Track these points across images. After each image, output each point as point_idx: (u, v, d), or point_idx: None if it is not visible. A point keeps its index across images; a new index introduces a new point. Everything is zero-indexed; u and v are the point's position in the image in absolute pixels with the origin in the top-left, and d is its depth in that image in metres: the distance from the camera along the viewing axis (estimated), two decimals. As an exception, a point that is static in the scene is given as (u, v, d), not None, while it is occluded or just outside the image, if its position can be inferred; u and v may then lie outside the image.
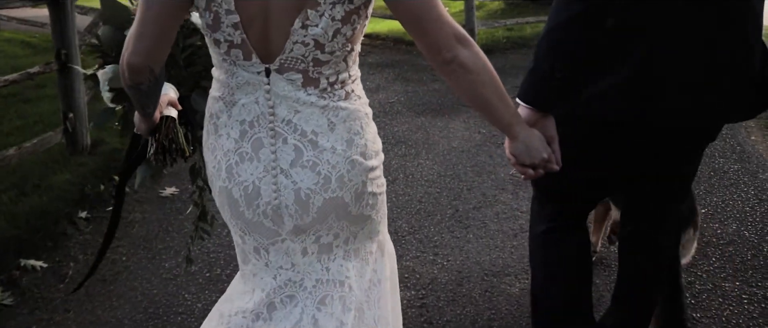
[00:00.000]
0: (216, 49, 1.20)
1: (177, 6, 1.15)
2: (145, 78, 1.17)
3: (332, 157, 1.19)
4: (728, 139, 4.42)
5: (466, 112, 5.00)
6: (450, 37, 1.12)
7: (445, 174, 3.67)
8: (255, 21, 1.12)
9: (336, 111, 1.19)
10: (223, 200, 1.28)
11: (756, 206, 3.28)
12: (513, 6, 11.23)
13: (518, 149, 1.27)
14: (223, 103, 1.23)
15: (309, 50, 1.14)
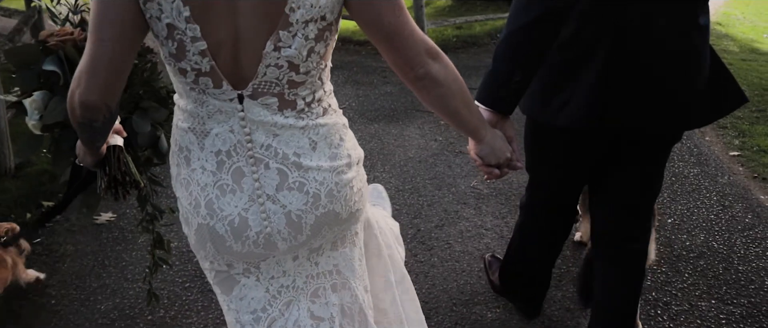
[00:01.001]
0: (181, 79, 1.11)
1: (133, 36, 1.04)
2: (100, 115, 1.06)
3: (318, 174, 1.15)
4: (684, 141, 4.38)
5: (420, 117, 4.81)
6: (421, 53, 1.10)
7: (404, 188, 3.46)
8: (224, 46, 1.05)
9: (316, 129, 1.16)
10: (203, 237, 1.19)
11: (720, 213, 3.22)
12: (461, 2, 11.14)
13: (484, 151, 1.31)
14: (194, 134, 1.14)
15: (283, 72, 1.08)
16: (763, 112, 5.32)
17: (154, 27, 1.05)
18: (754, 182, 3.71)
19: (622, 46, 1.44)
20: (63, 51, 1.39)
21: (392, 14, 1.06)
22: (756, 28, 11.75)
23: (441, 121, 4.69)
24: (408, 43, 1.08)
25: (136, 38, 1.06)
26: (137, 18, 1.03)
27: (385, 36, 1.08)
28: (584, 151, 1.66)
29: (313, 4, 1.04)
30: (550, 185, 1.84)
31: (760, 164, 4.00)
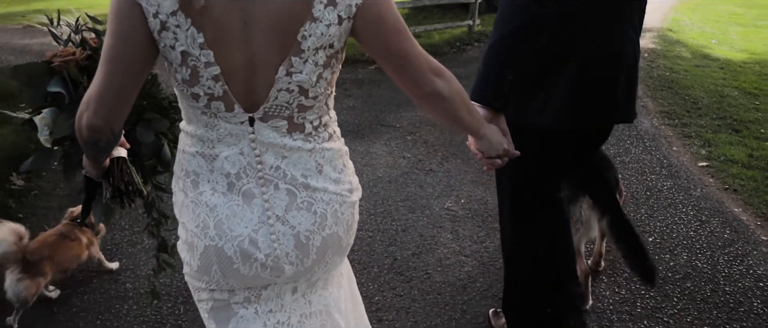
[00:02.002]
0: (193, 103, 1.12)
1: (143, 71, 1.08)
2: (104, 137, 1.11)
3: (325, 195, 1.19)
4: (653, 153, 4.35)
5: (386, 132, 4.64)
6: (427, 72, 1.14)
7: (375, 212, 3.28)
8: (237, 71, 1.07)
9: (322, 153, 1.19)
10: (209, 260, 1.17)
11: (699, 229, 3.15)
12: (418, 10, 11.05)
13: (484, 146, 1.41)
14: (203, 158, 1.16)
15: (293, 97, 1.11)
16: (723, 120, 5.36)
17: (168, 55, 1.07)
18: (726, 195, 3.68)
19: (591, 55, 1.63)
20: (67, 71, 1.46)
21: (398, 41, 1.11)
22: (704, 33, 12.08)
23: (408, 137, 4.54)
24: (414, 65, 1.13)
25: (144, 72, 1.09)
26: (148, 53, 1.07)
27: (394, 61, 1.14)
28: (558, 150, 1.82)
29: (323, 32, 1.07)
30: (530, 187, 1.93)
31: (729, 175, 3.98)
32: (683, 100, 6.01)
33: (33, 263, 2.32)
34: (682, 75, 7.33)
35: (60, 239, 2.46)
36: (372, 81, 6.46)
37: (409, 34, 1.12)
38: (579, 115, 1.69)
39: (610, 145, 4.48)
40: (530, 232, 1.97)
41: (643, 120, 5.23)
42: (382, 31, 1.10)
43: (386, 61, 1.15)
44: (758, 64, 8.48)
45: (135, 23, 1.03)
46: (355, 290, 1.51)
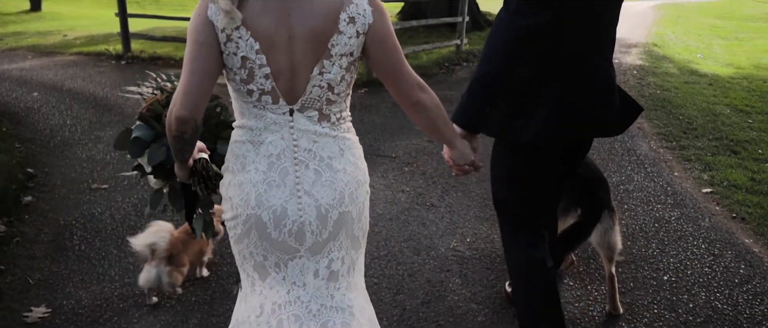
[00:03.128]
0: (247, 99, 1.45)
1: (215, 69, 1.40)
2: (189, 127, 1.39)
3: (344, 176, 1.48)
4: (656, 179, 4.27)
5: (382, 163, 4.51)
6: (414, 86, 1.48)
7: (379, 255, 3.13)
8: (282, 72, 1.39)
9: (344, 140, 1.50)
10: (250, 226, 1.48)
11: (713, 264, 3.05)
12: (403, 30, 10.98)
13: (455, 155, 1.71)
14: (251, 144, 1.47)
15: (323, 92, 1.44)
16: (720, 141, 5.31)
17: (229, 61, 1.41)
18: (735, 224, 3.59)
19: (569, 77, 1.81)
20: (151, 111, 1.78)
21: (396, 58, 1.47)
22: (689, 48, 12.15)
23: (405, 168, 4.41)
24: (405, 79, 1.48)
25: (216, 70, 1.42)
26: (218, 56, 1.40)
27: (391, 74, 1.47)
28: (546, 165, 1.97)
29: (346, 42, 1.41)
30: (524, 206, 2.06)
31: (734, 202, 3.90)
32: (678, 121, 5.96)
33: (175, 256, 2.66)
34: (673, 93, 7.31)
35: (188, 236, 2.72)
36: (363, 106, 6.34)
37: (403, 54, 1.48)
38: (560, 131, 1.86)
39: (611, 172, 4.39)
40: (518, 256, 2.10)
41: (640, 143, 5.16)
42: (385, 48, 1.45)
43: (384, 74, 1.48)
44: (745, 80, 8.50)
45: (209, 33, 1.38)
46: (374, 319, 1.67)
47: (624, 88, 2.07)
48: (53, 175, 4.40)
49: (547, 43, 1.73)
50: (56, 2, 26.70)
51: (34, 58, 10.69)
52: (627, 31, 14.58)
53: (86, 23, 18.48)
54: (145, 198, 3.90)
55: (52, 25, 18.66)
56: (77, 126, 5.75)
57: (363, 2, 1.42)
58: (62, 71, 9.00)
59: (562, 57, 1.78)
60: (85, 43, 12.56)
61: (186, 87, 1.37)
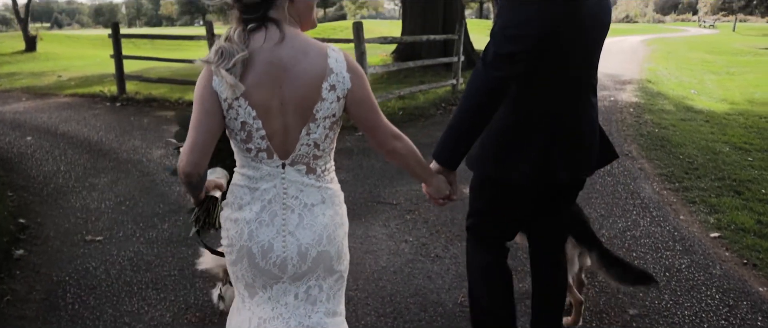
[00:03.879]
0: (247, 154, 1.68)
1: (218, 131, 1.63)
2: (194, 178, 1.62)
3: (323, 220, 1.70)
4: (662, 224, 4.20)
5: (383, 211, 4.42)
6: (389, 136, 1.71)
7: (385, 312, 3.02)
8: (276, 133, 1.63)
9: (326, 190, 1.72)
10: (242, 255, 1.72)
11: (730, 317, 2.96)
12: (400, 70, 11.01)
13: (431, 190, 1.94)
14: (248, 189, 1.70)
15: (310, 149, 1.67)
16: (723, 181, 5.27)
17: (231, 124, 1.63)
18: (747, 271, 3.51)
19: (555, 123, 1.97)
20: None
21: (372, 116, 1.68)
22: (682, 83, 12.25)
23: (407, 215, 4.32)
24: (381, 131, 1.70)
25: (218, 132, 1.63)
26: (220, 121, 1.61)
27: (368, 128, 1.70)
28: (527, 201, 2.13)
29: (328, 107, 1.62)
30: (498, 231, 2.25)
31: (744, 247, 3.83)
32: (679, 160, 5.93)
33: None
34: (671, 131, 7.30)
35: None
36: (361, 150, 6.28)
37: (379, 110, 1.70)
38: (547, 172, 2.00)
39: (616, 217, 4.32)
40: (489, 272, 2.28)
41: (643, 185, 5.11)
42: (363, 107, 1.67)
43: (363, 128, 1.71)
44: (741, 116, 8.53)
45: (213, 101, 1.59)
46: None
47: (622, 126, 2.27)
48: (46, 226, 4.29)
49: (525, 91, 1.92)
50: (51, 42, 26.82)
51: (28, 100, 10.65)
52: (620, 67, 14.71)
53: (81, 63, 18.53)
54: (140, 251, 3.80)
55: (47, 65, 18.68)
56: (71, 173, 5.66)
57: (342, 70, 1.64)
58: (56, 114, 8.94)
59: (545, 103, 1.96)
60: (79, 84, 12.55)
61: (191, 147, 1.59)
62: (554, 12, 1.81)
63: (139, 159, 6.12)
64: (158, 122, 8.09)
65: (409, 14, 13.32)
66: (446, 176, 1.97)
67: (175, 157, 2.05)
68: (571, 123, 2.00)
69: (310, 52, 1.60)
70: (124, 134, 7.35)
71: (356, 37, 7.11)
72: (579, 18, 1.86)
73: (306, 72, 1.58)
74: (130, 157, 6.19)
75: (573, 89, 1.98)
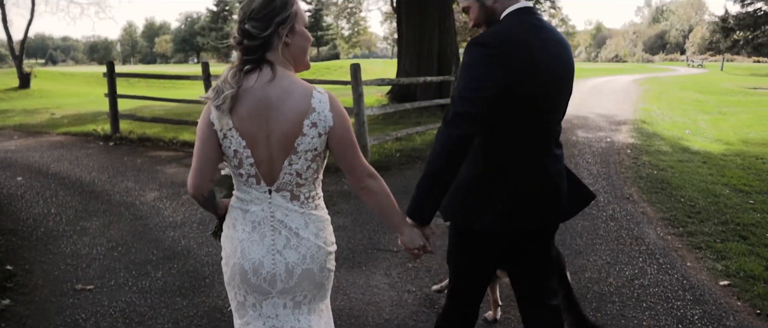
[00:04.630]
0: (239, 179, 1.89)
1: (215, 158, 1.85)
2: (199, 199, 1.89)
3: (307, 242, 1.89)
4: (670, 272, 4.10)
5: (384, 259, 4.30)
6: (365, 175, 1.89)
7: (389, 369, 2.88)
8: (263, 161, 1.82)
9: (309, 216, 1.90)
10: (235, 271, 1.90)
11: (749, 373, 2.84)
12: (395, 113, 10.99)
13: (405, 240, 2.03)
14: (240, 211, 1.90)
15: (293, 178, 1.85)
16: (726, 225, 5.19)
17: (226, 152, 1.83)
18: (761, 322, 3.40)
19: (519, 174, 2.08)
20: None
21: (350, 154, 1.86)
22: (676, 124, 12.30)
23: (409, 264, 4.20)
24: (358, 169, 1.87)
25: (217, 159, 1.85)
26: (217, 149, 1.83)
27: (345, 163, 1.87)
28: (495, 248, 2.21)
29: (309, 142, 1.80)
30: (474, 281, 2.31)
31: (756, 296, 3.72)
32: (680, 204, 5.87)
33: None
34: (670, 173, 7.26)
35: None
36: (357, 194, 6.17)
37: (357, 149, 1.87)
38: (509, 221, 2.11)
39: (623, 265, 4.22)
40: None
41: (647, 230, 5.02)
42: (342, 144, 1.84)
43: (341, 163, 1.87)
44: (738, 157, 8.53)
45: (211, 132, 1.81)
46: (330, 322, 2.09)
47: (620, 168, 2.24)
48: (34, 273, 4.13)
49: (487, 144, 2.07)
50: (45, 79, 26.83)
51: (20, 138, 10.54)
52: (614, 108, 14.81)
53: (75, 101, 18.50)
54: (133, 301, 3.65)
55: (41, 102, 18.64)
56: (62, 215, 5.52)
57: (325, 110, 1.81)
58: (48, 153, 8.83)
59: (506, 155, 2.08)
60: (72, 123, 12.46)
61: (193, 172, 1.85)
62: (507, 71, 1.94)
63: (132, 202, 5.99)
64: (152, 163, 7.98)
65: (404, 55, 13.40)
66: (420, 229, 2.06)
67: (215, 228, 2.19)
68: (533, 173, 2.11)
69: (296, 92, 1.80)
70: (117, 175, 7.23)
71: (354, 78, 7.09)
72: (534, 74, 1.99)
73: (290, 109, 1.78)
74: (122, 200, 6.06)
75: (533, 140, 2.10)
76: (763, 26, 49.91)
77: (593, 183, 6.71)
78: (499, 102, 1.95)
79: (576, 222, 5.19)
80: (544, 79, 2.02)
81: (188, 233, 4.97)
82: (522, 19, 2.05)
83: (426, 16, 12.84)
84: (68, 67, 56.37)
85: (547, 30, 2.08)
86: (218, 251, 4.59)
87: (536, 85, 2.00)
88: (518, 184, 2.08)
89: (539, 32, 2.04)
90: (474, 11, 2.14)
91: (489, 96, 1.93)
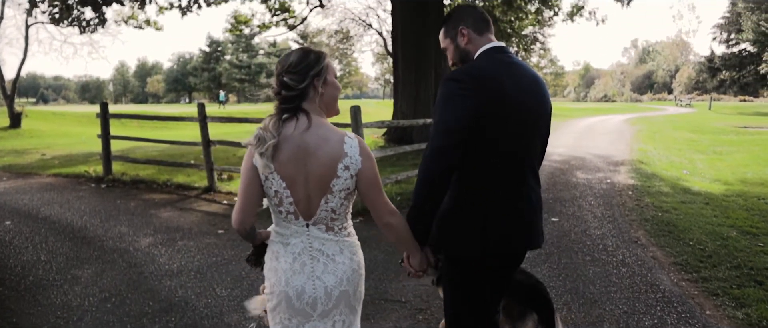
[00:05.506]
0: (279, 215, 2.12)
1: (258, 197, 2.09)
2: (243, 233, 2.12)
3: (342, 267, 2.12)
4: (690, 321, 3.94)
5: (392, 310, 4.11)
6: (387, 212, 2.11)
7: None
8: (301, 200, 2.06)
9: (343, 242, 2.14)
10: (281, 299, 2.12)
11: None
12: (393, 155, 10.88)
13: (414, 262, 2.27)
14: (281, 244, 2.13)
15: (328, 213, 2.09)
16: (740, 270, 5.05)
17: (268, 192, 2.09)
18: (792, 377, 3.23)
19: (497, 203, 2.20)
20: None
21: (375, 193, 2.09)
22: (673, 163, 12.26)
23: (418, 315, 4.01)
24: (381, 207, 2.10)
25: (259, 198, 2.11)
26: (260, 190, 2.09)
27: (370, 202, 2.10)
28: (481, 274, 2.29)
29: (343, 183, 2.05)
30: (466, 308, 2.36)
31: (782, 348, 3.56)
32: (690, 248, 5.73)
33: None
34: (674, 215, 7.15)
35: None
36: (362, 239, 5.96)
37: (381, 189, 2.09)
38: (486, 246, 2.21)
39: (641, 315, 4.05)
40: None
41: (660, 277, 4.87)
42: (368, 185, 2.06)
43: (366, 201, 2.08)
44: (740, 197, 8.45)
45: (254, 175, 2.06)
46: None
47: (624, 210, 2.29)
48: (22, 327, 3.90)
49: (463, 175, 2.19)
50: (36, 119, 26.63)
51: (9, 180, 10.32)
52: (610, 148, 14.82)
53: (66, 141, 18.28)
54: (127, 358, 3.42)
55: (31, 142, 18.42)
56: (52, 263, 5.29)
57: (355, 153, 2.05)
58: (38, 195, 8.61)
59: (481, 184, 2.20)
60: (64, 163, 12.26)
61: (238, 209, 2.09)
62: (478, 104, 2.10)
63: (125, 248, 5.77)
64: (146, 206, 7.78)
65: (400, 96, 13.40)
66: (422, 253, 2.28)
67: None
68: (508, 201, 2.22)
69: (331, 139, 2.04)
70: (110, 219, 7.02)
71: (354, 121, 6.99)
72: (504, 107, 2.15)
73: (326, 155, 2.01)
74: (116, 246, 5.84)
75: (508, 170, 2.22)
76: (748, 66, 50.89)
77: (599, 226, 6.58)
78: (473, 134, 2.11)
79: (587, 268, 5.04)
80: (515, 112, 2.18)
81: (186, 282, 4.75)
82: (494, 57, 2.25)
83: (422, 58, 12.89)
84: (59, 107, 56.20)
85: (519, 66, 2.26)
86: (217, 302, 4.42)
87: (507, 118, 2.16)
88: (491, 212, 2.20)
89: (510, 68, 2.22)
90: (450, 52, 2.39)
91: (463, 128, 2.10)
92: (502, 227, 2.20)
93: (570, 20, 15.26)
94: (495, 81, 2.14)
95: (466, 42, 2.32)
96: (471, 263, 2.25)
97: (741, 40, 50.11)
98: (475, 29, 2.33)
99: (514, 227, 2.23)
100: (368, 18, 25.70)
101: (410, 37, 12.95)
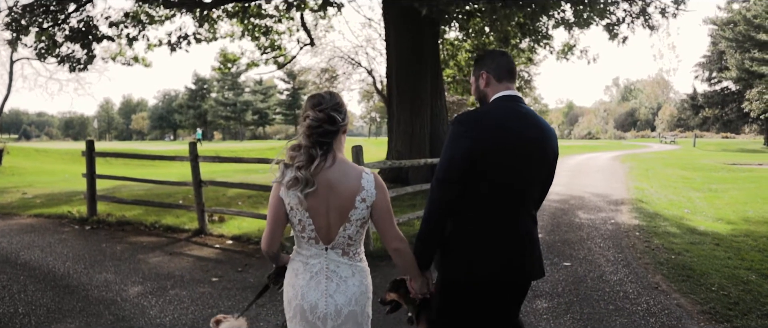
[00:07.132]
0: (301, 240, 2.38)
1: (282, 225, 2.38)
2: (270, 255, 2.46)
3: (353, 288, 2.35)
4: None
5: None
6: (396, 238, 2.35)
7: None
8: (322, 227, 2.31)
9: (355, 266, 2.38)
10: (297, 311, 2.36)
11: None
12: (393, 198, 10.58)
13: (416, 287, 2.54)
14: (302, 263, 2.38)
15: (345, 240, 2.34)
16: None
17: (292, 220, 2.35)
18: None
19: (493, 233, 2.43)
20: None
21: (387, 221, 2.35)
22: (673, 202, 12.06)
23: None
24: (390, 234, 2.35)
25: (284, 226, 2.39)
26: (284, 218, 2.36)
27: (381, 229, 2.36)
28: (475, 299, 2.49)
29: (360, 213, 2.31)
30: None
31: None
32: (713, 293, 5.44)
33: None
34: (687, 257, 6.88)
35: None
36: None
37: (392, 218, 2.36)
38: (481, 272, 2.41)
39: (682, 372, 3.72)
40: None
41: (691, 327, 4.55)
42: (381, 214, 2.35)
43: (377, 228, 2.37)
44: (749, 237, 8.23)
45: (280, 206, 2.35)
46: None
47: (636, 253, 2.28)
48: (-4, 394, 3.47)
49: (464, 204, 2.40)
50: (18, 156, 26.00)
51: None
52: (606, 186, 14.64)
53: (48, 179, 17.73)
54: None
55: (12, 180, 17.83)
56: (31, 316, 4.85)
57: (371, 187, 2.32)
58: (18, 238, 8.13)
59: (481, 213, 2.41)
60: (46, 203, 11.75)
61: (267, 235, 2.40)
62: (474, 145, 2.35)
63: (112, 298, 5.34)
64: (133, 250, 7.34)
65: (395, 135, 13.16)
66: (425, 277, 2.53)
67: None
68: (506, 230, 2.43)
69: (350, 174, 2.32)
70: (95, 265, 6.58)
71: (356, 160, 6.69)
72: (507, 146, 2.39)
73: (346, 189, 2.29)
74: (101, 296, 5.41)
75: (506, 202, 2.43)
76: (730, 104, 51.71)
77: (615, 271, 6.28)
78: (470, 171, 2.36)
79: (612, 319, 4.72)
80: (514, 158, 2.41)
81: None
82: (505, 104, 2.49)
83: (417, 97, 12.70)
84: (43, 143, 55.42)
85: (527, 115, 2.49)
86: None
87: (508, 156, 2.40)
88: (481, 239, 2.42)
89: (518, 115, 2.46)
90: (473, 87, 2.66)
91: (465, 166, 2.35)
92: (498, 255, 2.42)
93: (564, 59, 15.20)
94: (497, 127, 2.40)
95: (484, 85, 2.57)
96: (457, 286, 2.47)
97: (724, 78, 51.05)
98: (495, 75, 2.55)
99: (511, 256, 2.44)
100: (358, 56, 25.59)
101: (405, 74, 12.78)
